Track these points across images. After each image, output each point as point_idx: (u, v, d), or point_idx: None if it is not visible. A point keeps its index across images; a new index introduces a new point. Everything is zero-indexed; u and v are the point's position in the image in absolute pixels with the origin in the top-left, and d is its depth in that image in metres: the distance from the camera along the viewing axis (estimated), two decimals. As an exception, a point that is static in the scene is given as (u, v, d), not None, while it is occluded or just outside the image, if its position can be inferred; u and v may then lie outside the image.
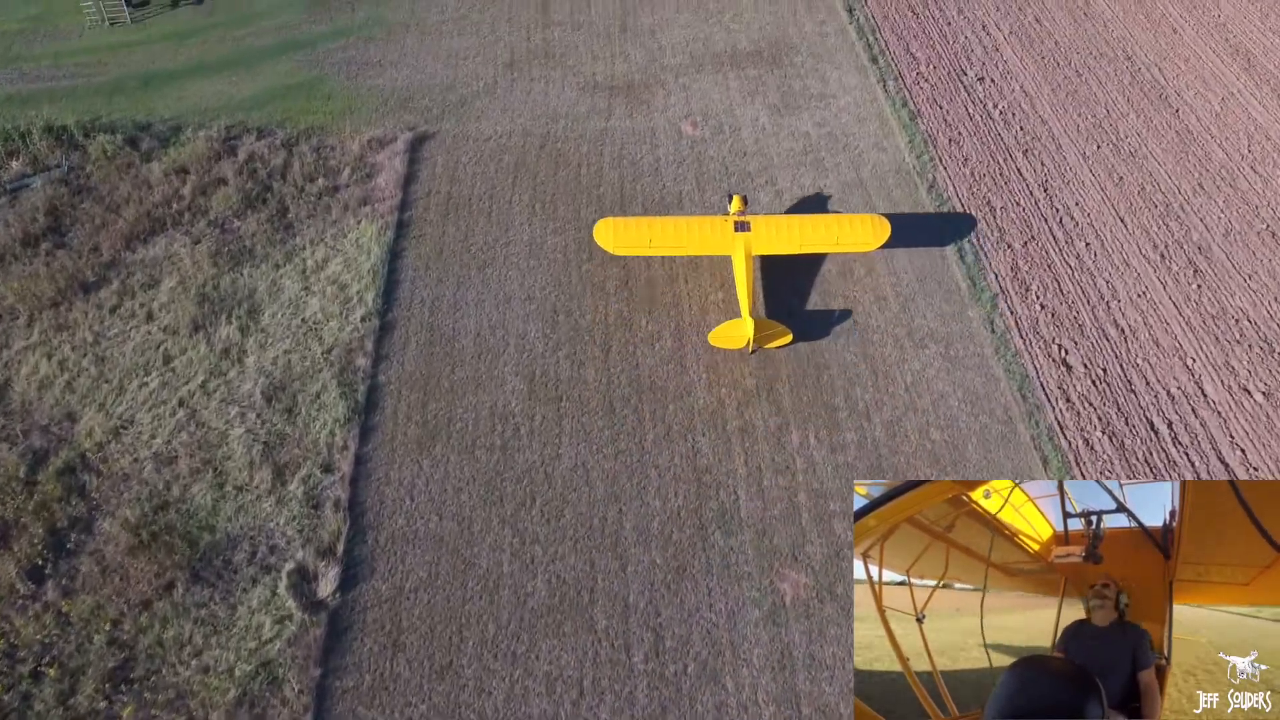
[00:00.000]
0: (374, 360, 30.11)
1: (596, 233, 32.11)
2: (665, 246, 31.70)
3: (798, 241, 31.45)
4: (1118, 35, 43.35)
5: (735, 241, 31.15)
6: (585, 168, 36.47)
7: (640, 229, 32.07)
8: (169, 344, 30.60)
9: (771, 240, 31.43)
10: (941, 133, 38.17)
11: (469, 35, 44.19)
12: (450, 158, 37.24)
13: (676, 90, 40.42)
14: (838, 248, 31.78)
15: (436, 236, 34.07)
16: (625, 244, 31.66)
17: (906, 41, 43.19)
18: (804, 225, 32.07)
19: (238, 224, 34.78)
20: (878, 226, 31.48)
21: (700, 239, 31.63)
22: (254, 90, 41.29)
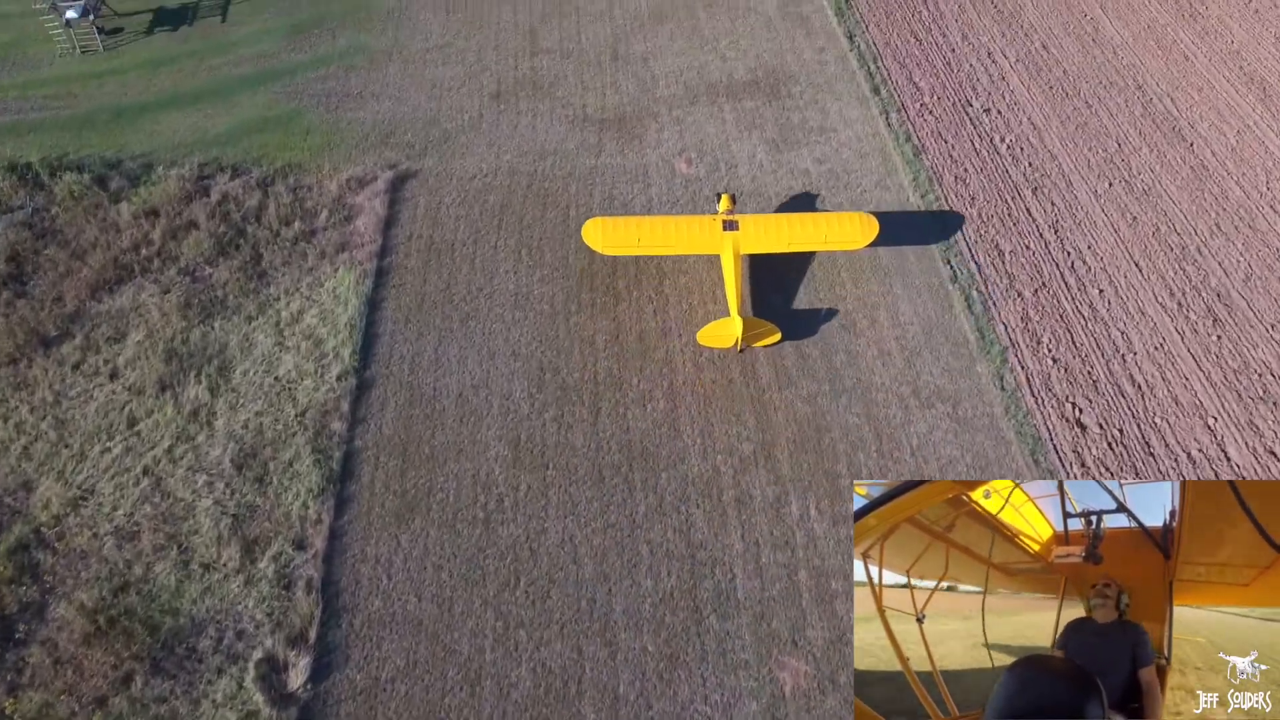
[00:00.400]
0: (350, 423, 28.65)
1: (585, 232, 32.02)
2: (654, 246, 31.70)
3: (786, 240, 31.53)
4: (1128, 63, 41.94)
5: (723, 240, 31.17)
6: (574, 209, 35.00)
7: (629, 228, 32.02)
8: (134, 405, 29.13)
9: (760, 239, 31.47)
10: (947, 169, 36.74)
11: (454, 64, 42.71)
12: (433, 198, 35.76)
13: (670, 124, 38.96)
14: (826, 246, 31.93)
15: (417, 285, 32.60)
16: (614, 243, 31.62)
17: (909, 70, 41.75)
18: (792, 224, 32.19)
19: (209, 272, 33.30)
20: (865, 225, 31.60)
21: (689, 238, 31.66)
22: (230, 124, 39.78)
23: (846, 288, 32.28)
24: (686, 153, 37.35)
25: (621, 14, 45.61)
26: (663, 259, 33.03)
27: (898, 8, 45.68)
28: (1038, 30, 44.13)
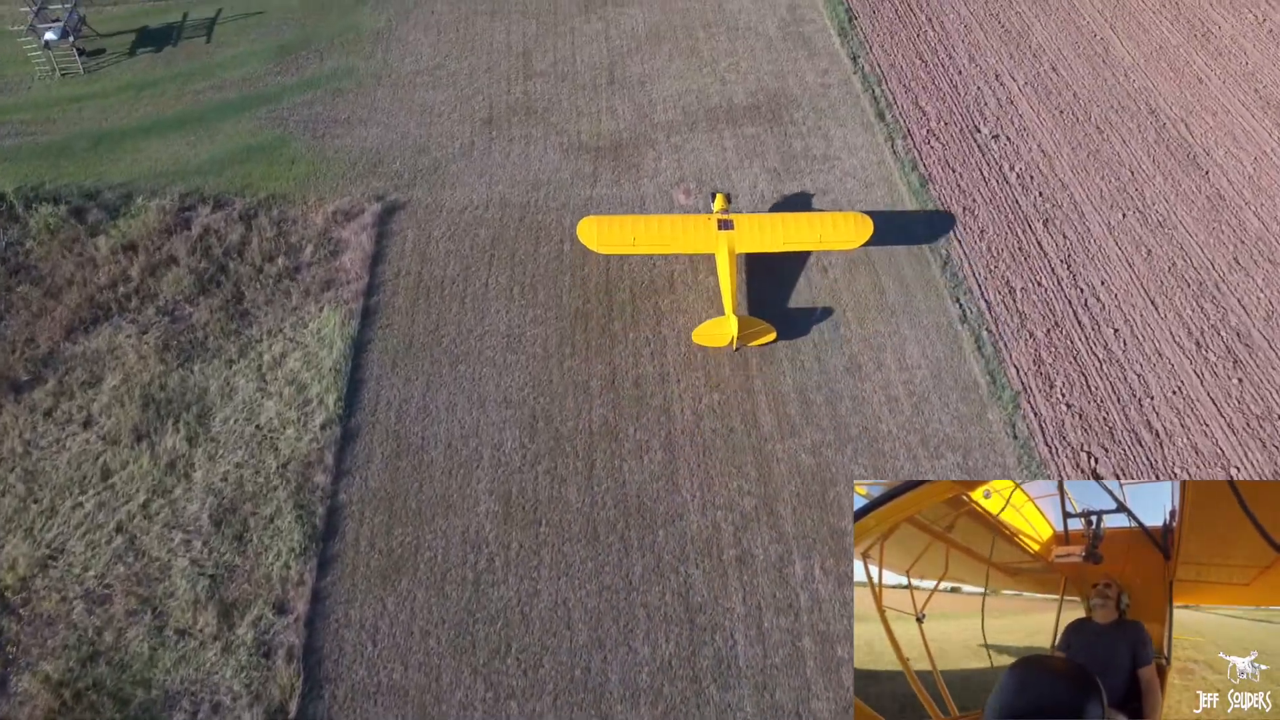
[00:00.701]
0: (334, 476, 27.54)
1: (580, 231, 32.13)
2: (649, 245, 31.87)
3: (781, 239, 31.73)
4: (1139, 86, 40.86)
5: (719, 239, 31.24)
6: (568, 244, 33.88)
7: (624, 227, 32.09)
8: (108, 456, 28.00)
9: (755, 238, 31.71)
10: (955, 200, 35.65)
11: (444, 87, 41.58)
12: (422, 232, 34.65)
13: (668, 151, 37.85)
14: (821, 246, 32.18)
15: (405, 326, 31.48)
16: (609, 243, 31.73)
17: (915, 94, 40.65)
18: (787, 223, 32.39)
19: (189, 311, 32.18)
20: (860, 224, 31.82)
21: (684, 237, 31.77)
22: (212, 152, 38.64)
23: (852, 328, 31.17)
24: (685, 183, 36.24)
25: (618, 34, 44.51)
26: (660, 298, 31.95)
27: (902, 27, 44.59)
28: (1046, 51, 43.05)
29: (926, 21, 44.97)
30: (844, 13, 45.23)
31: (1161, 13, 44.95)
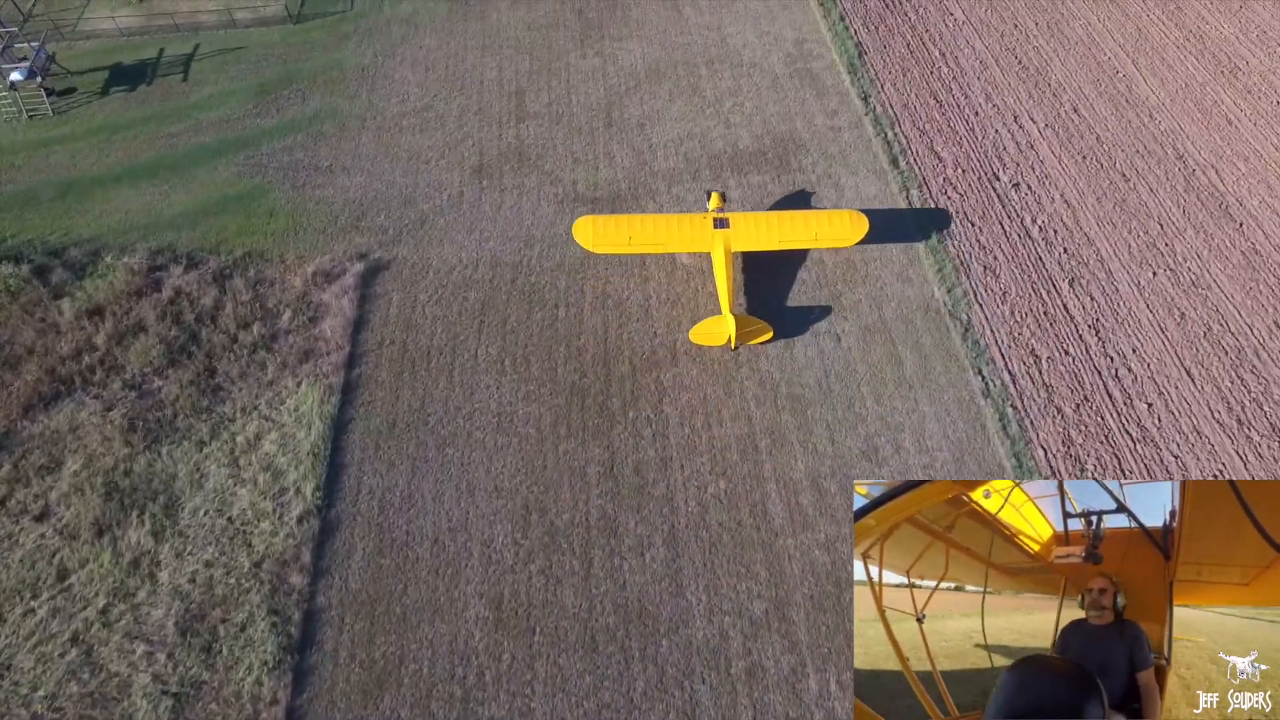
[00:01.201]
0: (312, 576, 25.70)
1: (576, 231, 32.22)
2: (645, 244, 31.78)
3: (777, 237, 31.89)
4: (1166, 128, 39.03)
5: (714, 238, 31.45)
6: (563, 309, 32.03)
7: (620, 226, 32.12)
8: (65, 553, 26.15)
9: (751, 236, 31.85)
10: (975, 258, 33.82)
11: (433, 131, 39.67)
12: (407, 295, 32.77)
13: (669, 203, 35.97)
14: (817, 243, 32.36)
15: (389, 403, 29.60)
16: (605, 242, 31.78)
17: (930, 137, 38.80)
18: (783, 221, 32.43)
19: (158, 385, 30.31)
20: (855, 222, 32.03)
21: (680, 236, 31.84)
22: (187, 203, 36.74)
23: (868, 405, 29.32)
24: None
25: (615, 71, 42.62)
26: (662, 371, 30.08)
27: (915, 63, 42.74)
28: (1066, 89, 41.20)
29: (940, 57, 43.12)
30: (853, 47, 43.37)
31: (1186, 47, 43.15)
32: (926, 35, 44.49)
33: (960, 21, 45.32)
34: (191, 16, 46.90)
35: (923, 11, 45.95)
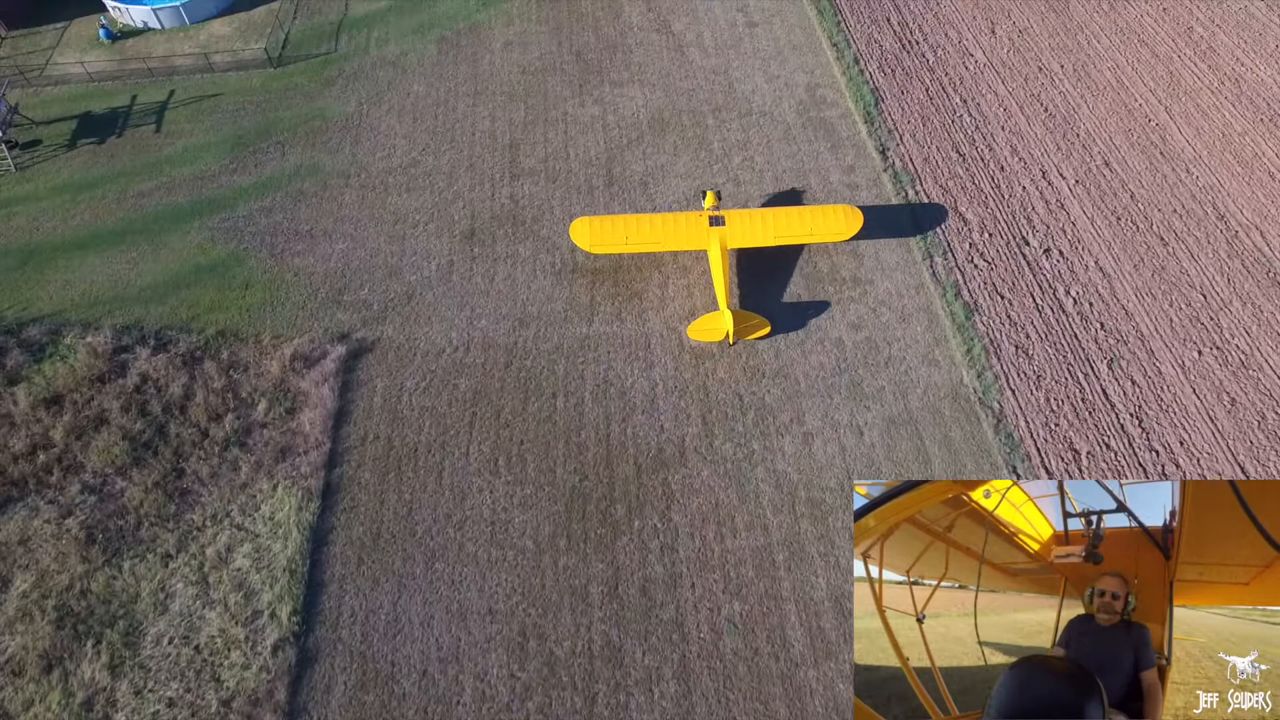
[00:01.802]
0: (288, 715, 23.56)
1: (573, 232, 33.01)
2: (642, 243, 32.42)
3: (772, 234, 32.56)
4: (1205, 184, 36.99)
5: (710, 236, 32.24)
6: (562, 399, 29.92)
7: (616, 227, 32.74)
8: (8, 693, 24.06)
9: (746, 234, 32.48)
10: (1006, 336, 31.75)
11: (421, 190, 37.52)
12: (393, 382, 30.64)
13: (675, 273, 33.85)
14: (812, 238, 32.94)
15: (373, 510, 27.49)
16: (602, 242, 32.52)
17: (954, 195, 36.72)
18: (778, 218, 33.03)
19: (121, 487, 28.19)
20: (850, 217, 33.00)
21: (676, 234, 32.45)
22: (156, 274, 34.60)
23: (894, 510, 27.21)
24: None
25: (616, 121, 40.51)
26: (670, 471, 27.97)
27: (935, 111, 40.66)
28: (1097, 140, 39.14)
29: (961, 104, 41.05)
30: (869, 93, 41.29)
31: (1221, 92, 41.12)
32: (946, 79, 42.43)
33: (981, 64, 43.28)
34: (166, 60, 44.73)
35: (941, 53, 43.89)
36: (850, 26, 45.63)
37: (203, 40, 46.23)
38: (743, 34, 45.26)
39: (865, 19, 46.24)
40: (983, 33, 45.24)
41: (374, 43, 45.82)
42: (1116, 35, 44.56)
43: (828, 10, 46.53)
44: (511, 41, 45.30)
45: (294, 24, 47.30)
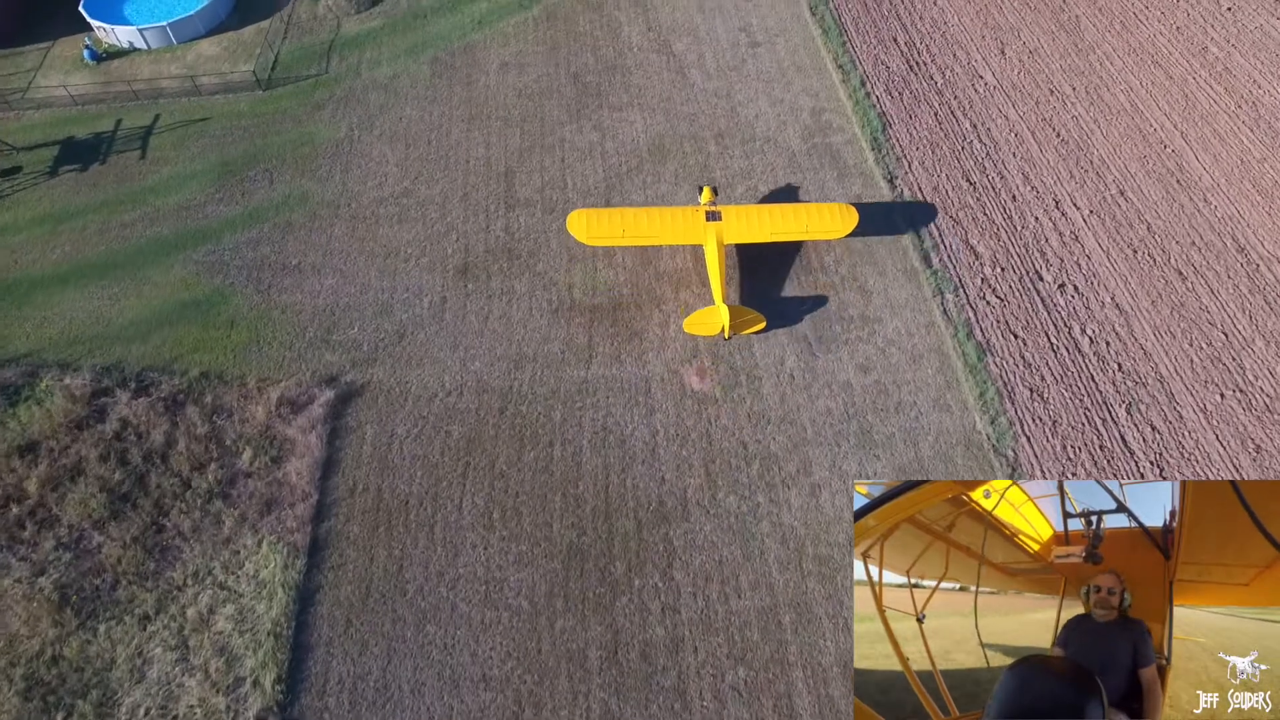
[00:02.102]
0: (268, 794, 22.52)
1: (570, 224, 33.42)
2: (638, 237, 32.68)
3: (768, 230, 32.92)
4: (1224, 215, 36.02)
5: (707, 231, 32.54)
6: (559, 448, 28.91)
7: (613, 220, 33.16)
8: (-21, 770, 23.01)
9: (742, 229, 32.84)
10: (1021, 378, 30.76)
11: (413, 221, 36.52)
12: (383, 429, 29.63)
13: (676, 311, 32.83)
14: (807, 235, 33.28)
15: (362, 567, 26.48)
16: (598, 235, 32.81)
17: (965, 228, 35.74)
18: (774, 214, 33.43)
19: (97, 542, 27.20)
20: (845, 214, 33.41)
21: (672, 229, 32.83)
22: (139, 310, 33.60)
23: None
24: (699, 358, 31.24)
25: (615, 148, 39.50)
26: (671, 526, 26.97)
27: (944, 137, 39.68)
28: (1111, 168, 38.15)
29: (971, 129, 40.07)
30: (876, 118, 40.32)
31: (1238, 116, 40.14)
32: (955, 103, 41.45)
33: (991, 86, 42.31)
34: (152, 83, 43.73)
35: (950, 75, 42.93)
36: (856, 46, 44.68)
37: (190, 61, 45.23)
38: (745, 55, 44.28)
39: (871, 38, 45.29)
40: (992, 53, 44.28)
41: (366, 64, 44.82)
42: (1129, 56, 43.59)
43: (833, 29, 45.56)
44: (507, 63, 44.31)
45: (284, 44, 46.30)
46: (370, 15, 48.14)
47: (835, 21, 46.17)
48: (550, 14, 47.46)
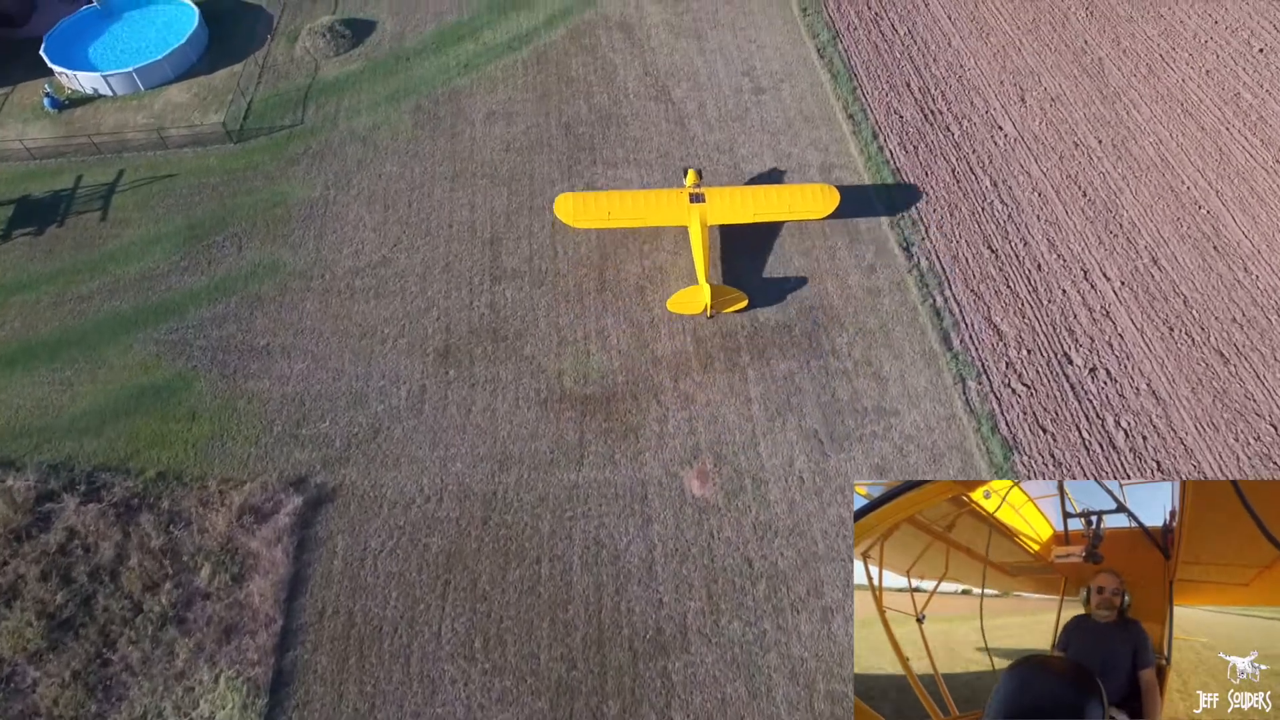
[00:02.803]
0: None
1: (557, 207, 35.03)
2: (624, 219, 34.29)
3: (751, 211, 34.44)
4: (1265, 285, 33.93)
5: (691, 212, 34.01)
6: (547, 565, 26.78)
7: (599, 203, 34.74)
8: None
9: (726, 211, 34.37)
10: (1050, 477, 28.59)
11: (390, 296, 34.39)
12: (355, 541, 27.51)
13: (675, 403, 30.71)
14: (790, 216, 34.95)
15: (330, 706, 24.36)
16: (585, 217, 34.41)
17: (986, 302, 33.63)
18: (756, 196, 35.01)
19: (32, 679, 25.13)
20: (827, 195, 35.03)
21: (657, 210, 34.39)
22: (93, 397, 31.50)
23: None
24: (700, 458, 29.11)
25: (609, 210, 37.37)
26: (670, 658, 24.81)
27: (963, 197, 37.58)
28: (1142, 231, 36.05)
29: (991, 187, 37.97)
30: (889, 175, 38.22)
31: (1277, 172, 38.03)
32: (974, 157, 39.35)
33: (1012, 138, 40.22)
34: (117, 134, 41.65)
35: (967, 125, 40.84)
36: (867, 93, 42.60)
37: (157, 110, 43.13)
38: (749, 103, 42.19)
39: (883, 83, 43.22)
40: (1012, 101, 42.20)
41: (344, 113, 42.72)
42: (1157, 103, 41.52)
43: (842, 74, 43.50)
44: (494, 112, 42.21)
45: (258, 90, 44.21)
46: (350, 57, 46.09)
47: (845, 65, 44.11)
48: (540, 57, 45.40)
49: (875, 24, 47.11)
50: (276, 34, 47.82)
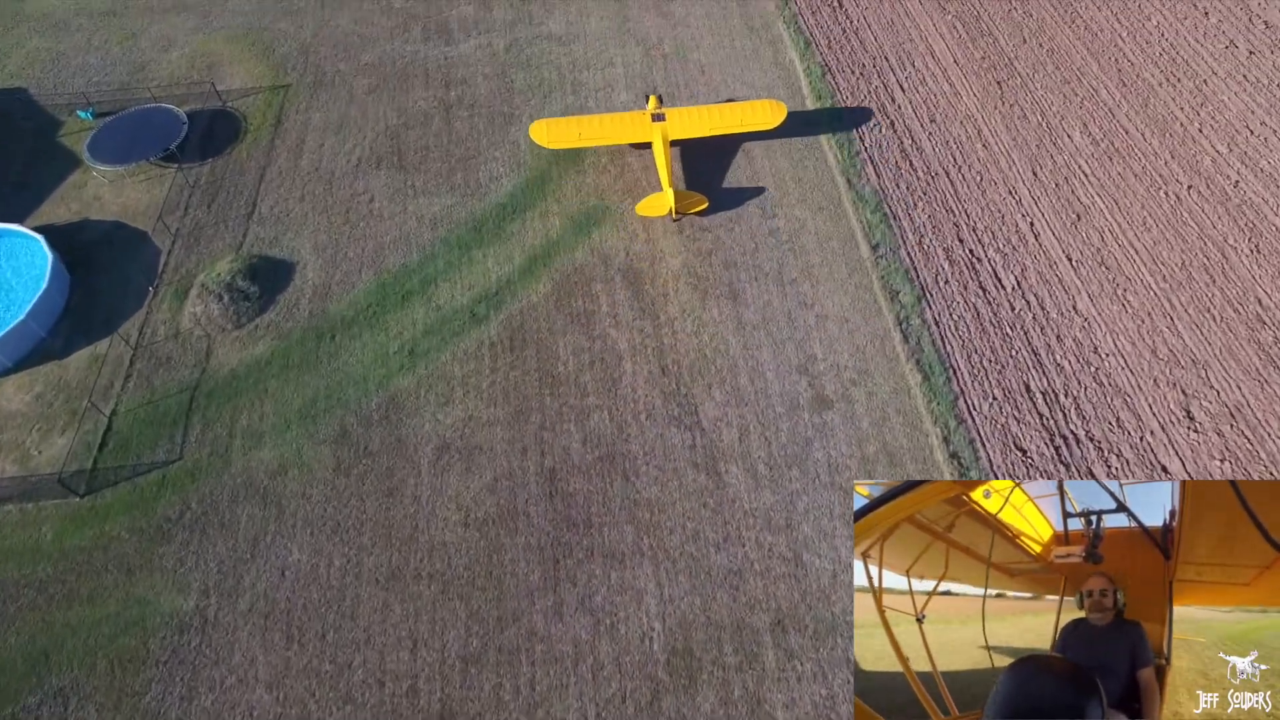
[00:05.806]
0: None
1: (532, 131, 41.28)
2: (593, 138, 40.73)
3: (707, 125, 40.75)
4: None
5: (654, 130, 40.55)
6: None
7: (570, 126, 41.22)
8: None
9: (684, 127, 40.74)
10: None
11: None
12: None
13: None
14: (742, 128, 41.03)
15: None
16: (557, 139, 40.67)
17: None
18: (712, 113, 41.44)
19: None
20: (775, 109, 41.28)
21: (624, 130, 40.88)
22: None
23: None
24: None
25: (612, 657, 26.66)
26: None
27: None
28: None
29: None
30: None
31: None
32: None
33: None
34: (-91, 483, 31.21)
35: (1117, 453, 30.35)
36: (977, 416, 31.91)
37: (-24, 429, 32.71)
38: (810, 430, 31.49)
39: (996, 391, 32.59)
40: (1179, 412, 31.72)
41: (240, 438, 32.21)
42: None
43: (937, 371, 32.88)
44: (449, 443, 31.65)
45: (125, 390, 33.75)
46: (255, 330, 35.64)
47: (939, 358, 33.39)
48: (515, 333, 34.91)
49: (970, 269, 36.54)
50: (161, 284, 37.39)
